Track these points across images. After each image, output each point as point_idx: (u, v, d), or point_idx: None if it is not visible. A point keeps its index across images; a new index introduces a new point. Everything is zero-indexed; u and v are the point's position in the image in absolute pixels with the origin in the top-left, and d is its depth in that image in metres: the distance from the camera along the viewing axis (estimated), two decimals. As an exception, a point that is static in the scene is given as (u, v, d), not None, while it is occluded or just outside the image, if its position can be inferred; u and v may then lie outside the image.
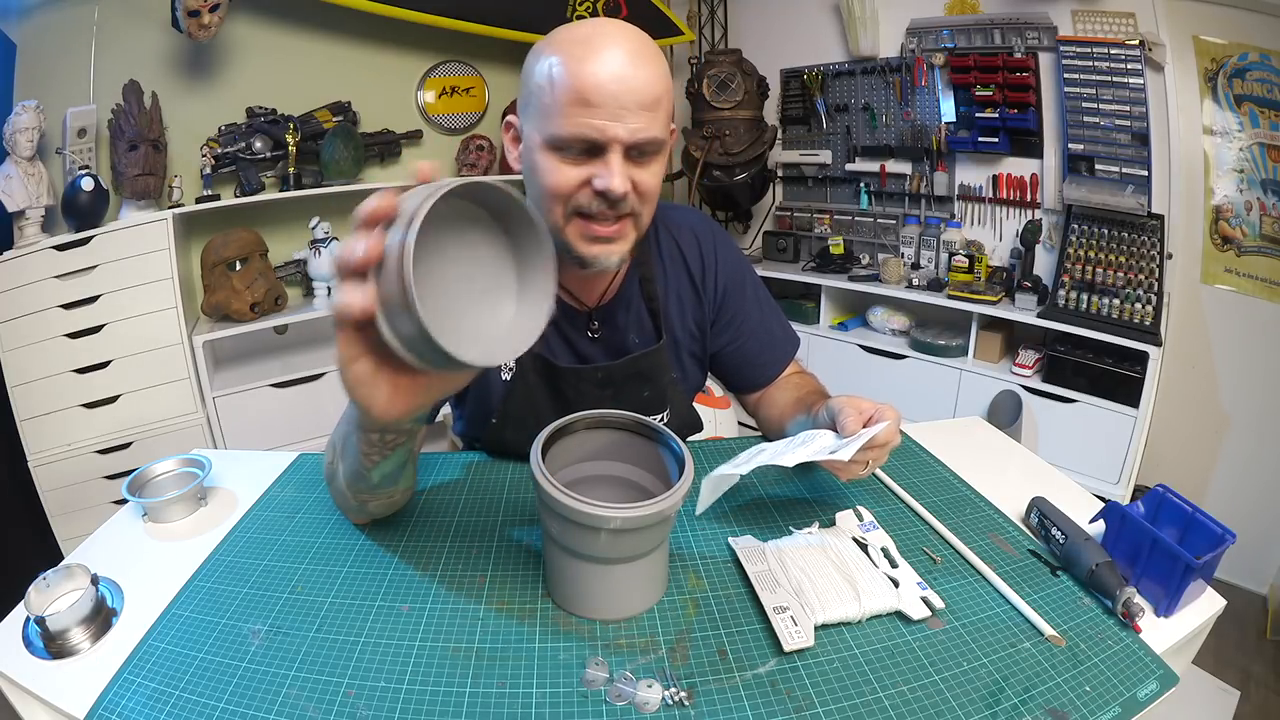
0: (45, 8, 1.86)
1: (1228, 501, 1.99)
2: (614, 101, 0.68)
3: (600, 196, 0.72)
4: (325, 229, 2.27)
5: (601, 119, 0.68)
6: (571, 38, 0.71)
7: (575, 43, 0.70)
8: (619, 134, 0.69)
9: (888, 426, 0.71)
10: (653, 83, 0.70)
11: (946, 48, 2.36)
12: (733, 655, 0.59)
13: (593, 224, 0.74)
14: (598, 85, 0.67)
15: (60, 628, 0.61)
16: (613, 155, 0.70)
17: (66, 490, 1.88)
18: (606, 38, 0.69)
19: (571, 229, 0.75)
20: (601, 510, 0.56)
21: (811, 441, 0.73)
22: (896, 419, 0.73)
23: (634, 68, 0.69)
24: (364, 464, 0.64)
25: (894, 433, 0.72)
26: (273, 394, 2.16)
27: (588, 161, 0.71)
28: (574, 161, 0.71)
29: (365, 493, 0.69)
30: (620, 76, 0.68)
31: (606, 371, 0.89)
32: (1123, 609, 0.63)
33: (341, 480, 0.70)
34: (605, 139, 0.69)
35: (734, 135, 2.59)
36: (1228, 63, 1.85)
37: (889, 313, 2.54)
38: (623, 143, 0.70)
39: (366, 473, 0.65)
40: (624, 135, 0.69)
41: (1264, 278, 1.89)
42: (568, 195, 0.73)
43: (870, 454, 0.71)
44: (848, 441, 0.70)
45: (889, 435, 0.72)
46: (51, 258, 1.78)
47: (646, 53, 0.71)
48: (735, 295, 0.97)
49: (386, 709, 0.54)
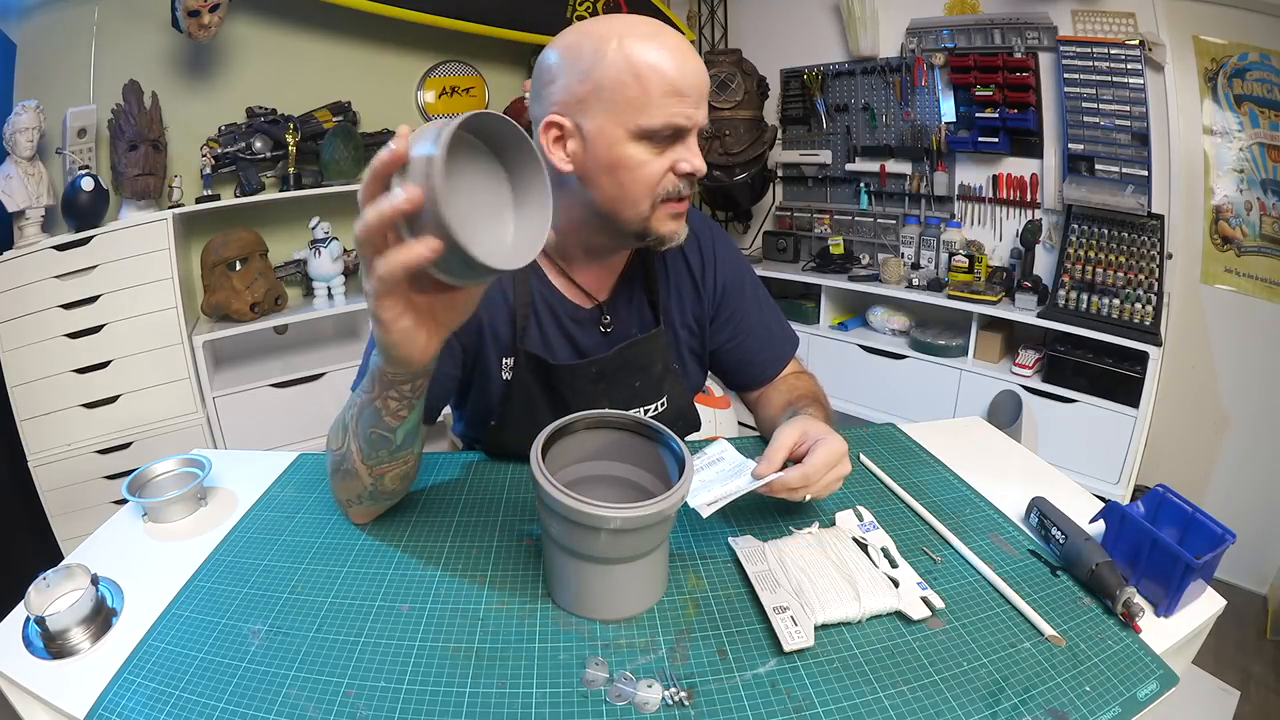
0: (45, 8, 1.86)
1: (1228, 501, 1.99)
2: (696, 91, 0.75)
3: (685, 178, 0.78)
4: (325, 229, 2.27)
5: (689, 107, 0.74)
6: (630, 32, 0.73)
7: (641, 37, 0.73)
8: (699, 119, 0.76)
9: (800, 472, 0.71)
10: (706, 72, 0.78)
11: (946, 48, 2.36)
12: (733, 655, 0.59)
13: (674, 204, 0.79)
14: (685, 76, 0.73)
15: (60, 628, 0.61)
16: (692, 139, 0.77)
17: (66, 490, 1.88)
18: (662, 32, 0.74)
19: (657, 214, 0.79)
20: (601, 510, 0.56)
21: (728, 481, 0.73)
22: (824, 459, 0.72)
23: (696, 59, 0.76)
24: (389, 424, 0.67)
25: (811, 476, 0.71)
26: (273, 394, 2.16)
27: (667, 148, 0.76)
28: (659, 150, 0.76)
29: (386, 461, 0.70)
30: (696, 69, 0.75)
31: (599, 365, 0.90)
32: (1123, 609, 0.63)
33: (356, 460, 0.70)
34: (692, 125, 0.76)
35: (734, 135, 2.59)
36: (1228, 63, 1.85)
37: (889, 313, 2.54)
38: (700, 126, 0.77)
39: (392, 434, 0.67)
40: (701, 120, 0.77)
41: (1264, 278, 1.89)
42: (657, 183, 0.77)
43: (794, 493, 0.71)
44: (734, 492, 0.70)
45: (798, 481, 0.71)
46: (51, 258, 1.78)
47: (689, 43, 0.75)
48: (734, 293, 0.98)
49: (386, 709, 0.54)
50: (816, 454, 0.72)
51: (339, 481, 0.74)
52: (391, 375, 0.62)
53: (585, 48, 0.74)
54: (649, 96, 0.72)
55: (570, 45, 0.75)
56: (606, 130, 0.74)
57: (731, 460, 0.78)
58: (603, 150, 0.75)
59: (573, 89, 0.74)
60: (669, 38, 0.74)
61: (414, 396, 0.66)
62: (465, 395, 0.93)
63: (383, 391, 0.64)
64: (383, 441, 0.68)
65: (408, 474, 0.74)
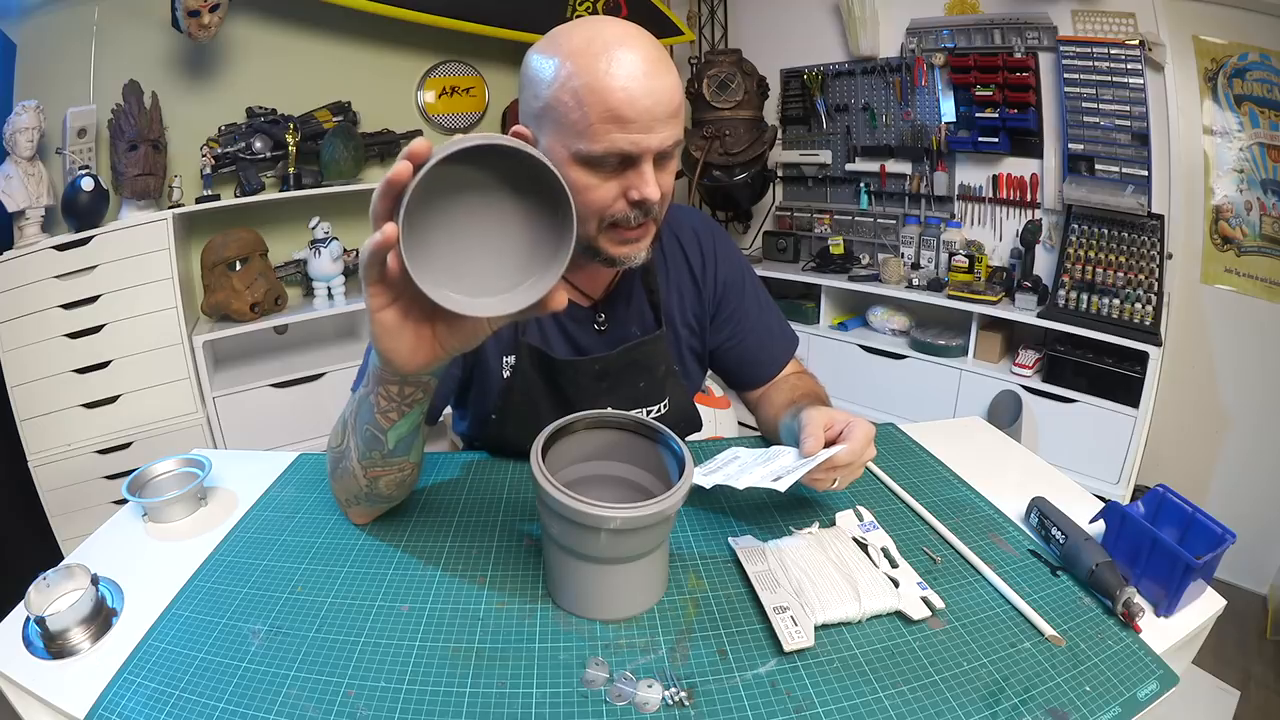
0: (45, 8, 1.86)
1: (1228, 501, 1.99)
2: (647, 115, 0.68)
3: (636, 206, 0.73)
4: (325, 229, 2.27)
5: (636, 133, 0.69)
6: (585, 48, 0.68)
7: (592, 55, 0.68)
8: (652, 145, 0.70)
9: (848, 449, 0.71)
10: (675, 89, 0.71)
11: (946, 48, 2.36)
12: (733, 655, 0.59)
13: (625, 230, 0.75)
14: (630, 101, 0.67)
15: (60, 628, 0.61)
16: (645, 165, 0.71)
17: (66, 490, 1.88)
18: (621, 46, 0.68)
19: (604, 237, 0.76)
20: (601, 510, 0.56)
21: (771, 461, 0.73)
22: (864, 436, 0.72)
23: (657, 77, 0.69)
24: (381, 424, 0.66)
25: (857, 453, 0.72)
26: (273, 394, 2.16)
27: (619, 174, 0.72)
28: (606, 175, 0.72)
29: (379, 464, 0.69)
30: (650, 90, 0.68)
31: (603, 363, 0.89)
32: (1123, 609, 0.63)
33: (353, 458, 0.70)
34: (640, 151, 0.70)
35: (734, 135, 2.59)
36: (1228, 63, 1.85)
37: (889, 313, 2.54)
38: (655, 152, 0.71)
39: (383, 436, 0.66)
40: (656, 145, 0.70)
41: (1264, 278, 1.89)
42: (605, 209, 0.73)
43: (836, 472, 0.72)
44: (795, 467, 0.70)
45: (850, 456, 0.71)
46: (51, 258, 1.78)
47: (661, 57, 0.71)
48: (735, 292, 0.98)
49: (386, 709, 0.54)
50: (855, 433, 0.72)
51: (337, 481, 0.74)
52: (380, 371, 0.62)
53: (546, 61, 0.71)
54: (588, 122, 0.68)
55: (539, 54, 0.72)
56: (555, 151, 0.71)
57: (748, 456, 0.77)
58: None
59: (531, 104, 0.73)
60: (624, 55, 0.68)
61: (403, 402, 0.65)
62: (465, 394, 0.93)
63: (374, 386, 0.64)
64: (375, 442, 0.67)
65: (404, 481, 0.74)
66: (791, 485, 0.68)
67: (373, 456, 0.68)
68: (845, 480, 0.74)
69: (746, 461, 0.75)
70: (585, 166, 0.71)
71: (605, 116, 0.68)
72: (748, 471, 0.72)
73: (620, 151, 0.69)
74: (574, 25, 0.72)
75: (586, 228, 0.74)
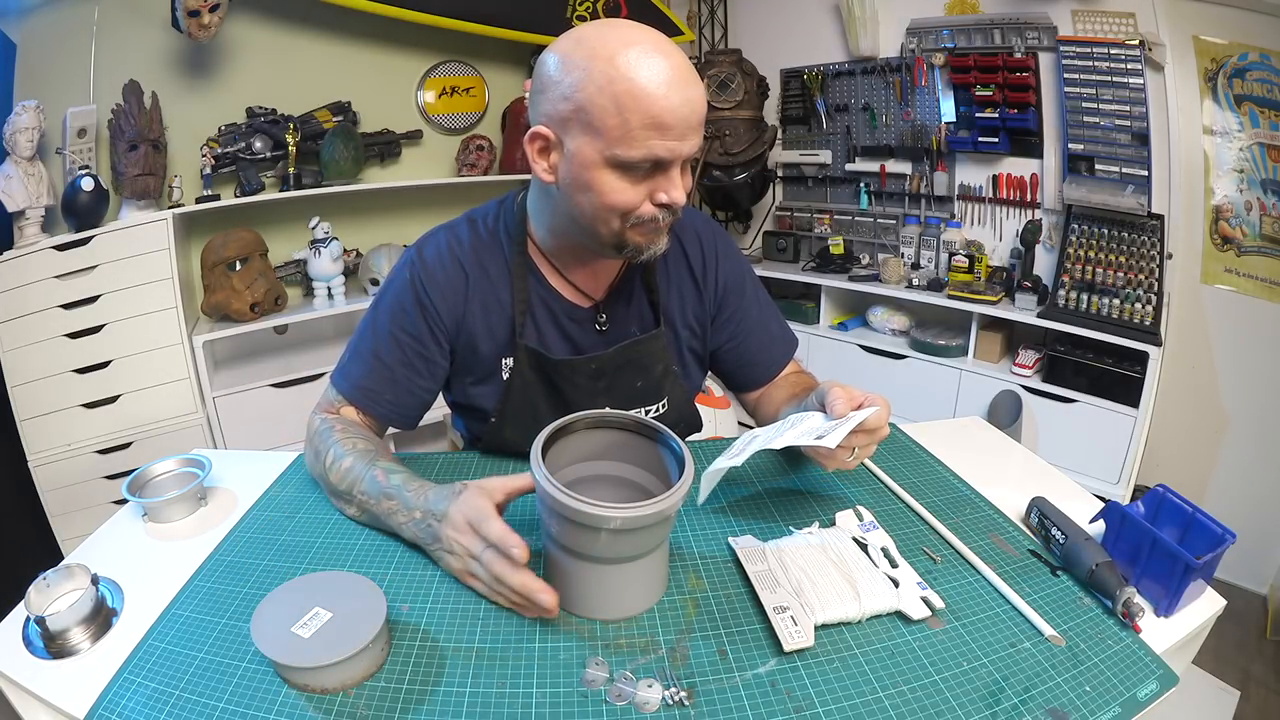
0: (45, 8, 1.86)
1: (1228, 501, 1.99)
2: (683, 124, 0.71)
3: (664, 208, 0.75)
4: (325, 229, 2.27)
5: (672, 140, 0.71)
6: (621, 54, 0.68)
7: (630, 61, 0.68)
8: (684, 152, 0.73)
9: (877, 412, 0.72)
10: (704, 97, 0.74)
11: (946, 48, 2.36)
12: (733, 655, 0.59)
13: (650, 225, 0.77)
14: (671, 109, 0.69)
15: (60, 628, 0.61)
16: (675, 170, 0.74)
17: (66, 490, 1.88)
18: (658, 54, 0.69)
19: (630, 232, 0.77)
20: (601, 510, 0.56)
21: (799, 424, 0.74)
22: (886, 406, 0.74)
23: (693, 85, 0.71)
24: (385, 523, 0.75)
25: (883, 420, 0.74)
26: (273, 394, 2.16)
27: (649, 177, 0.74)
28: (638, 179, 0.74)
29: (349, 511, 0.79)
30: (687, 98, 0.70)
31: (599, 362, 0.90)
32: (1123, 609, 0.63)
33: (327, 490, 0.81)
34: (674, 157, 0.72)
35: (734, 135, 2.59)
36: (1228, 63, 1.85)
37: (889, 313, 2.54)
38: (686, 157, 0.74)
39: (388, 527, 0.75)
40: (688, 152, 0.73)
41: (1264, 278, 1.89)
42: (632, 211, 0.75)
43: (857, 439, 0.72)
44: (835, 425, 0.70)
45: (878, 421, 0.73)
46: (51, 258, 1.78)
47: (690, 65, 0.72)
48: (735, 293, 0.98)
49: (387, 709, 0.54)
50: (878, 401, 0.74)
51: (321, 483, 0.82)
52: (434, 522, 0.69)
53: (576, 63, 0.70)
54: (628, 128, 0.69)
55: (564, 55, 0.72)
56: (584, 153, 0.72)
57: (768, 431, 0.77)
58: (579, 171, 0.74)
59: (558, 105, 0.72)
60: (661, 63, 0.69)
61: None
62: (464, 396, 0.93)
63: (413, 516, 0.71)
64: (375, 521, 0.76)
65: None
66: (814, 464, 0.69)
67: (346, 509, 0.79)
68: (862, 454, 0.75)
69: (769, 436, 0.75)
70: (617, 170, 0.73)
71: (647, 123, 0.69)
72: (780, 435, 0.72)
73: (656, 158, 0.71)
74: (601, 28, 0.72)
75: (612, 226, 0.76)
